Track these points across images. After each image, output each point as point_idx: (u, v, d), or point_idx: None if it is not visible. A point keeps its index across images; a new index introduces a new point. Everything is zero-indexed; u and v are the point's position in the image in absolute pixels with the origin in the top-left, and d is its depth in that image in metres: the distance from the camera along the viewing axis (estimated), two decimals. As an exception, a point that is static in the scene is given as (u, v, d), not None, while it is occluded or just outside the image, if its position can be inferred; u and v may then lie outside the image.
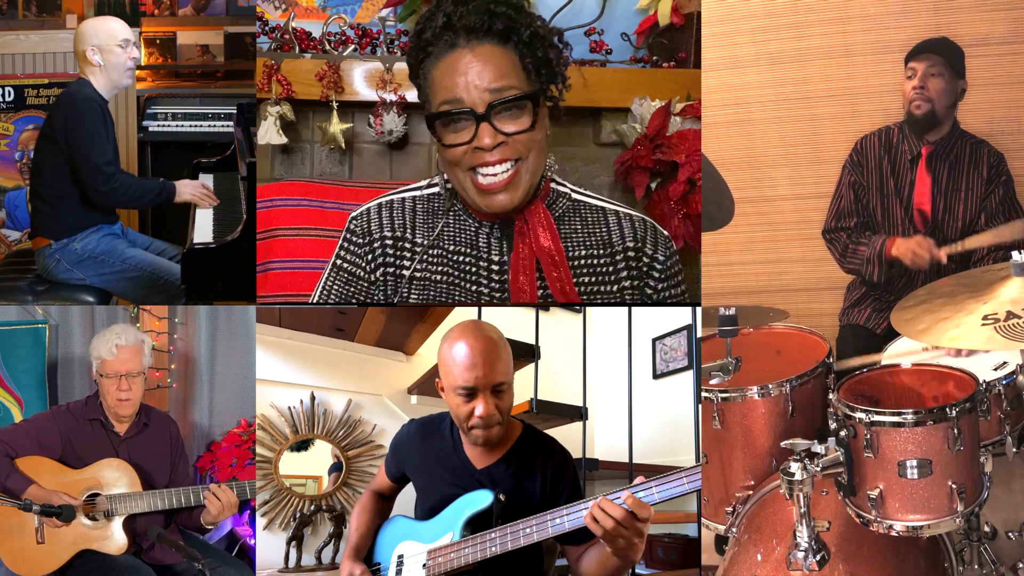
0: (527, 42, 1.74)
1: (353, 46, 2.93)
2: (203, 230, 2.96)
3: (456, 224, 1.88)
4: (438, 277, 1.86)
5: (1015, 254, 1.90)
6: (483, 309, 2.86)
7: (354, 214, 1.92)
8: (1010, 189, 2.90)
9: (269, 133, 2.82)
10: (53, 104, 3.10)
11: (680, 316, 3.57)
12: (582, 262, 1.86)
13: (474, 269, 1.85)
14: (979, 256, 2.83)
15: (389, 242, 1.87)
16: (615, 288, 1.86)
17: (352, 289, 1.90)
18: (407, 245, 1.87)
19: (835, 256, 3.00)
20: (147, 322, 3.06)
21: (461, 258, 1.86)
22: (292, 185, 2.83)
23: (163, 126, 3.94)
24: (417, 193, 1.92)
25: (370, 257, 1.88)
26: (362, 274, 1.89)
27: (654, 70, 3.01)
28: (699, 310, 2.73)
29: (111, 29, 3.01)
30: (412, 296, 1.86)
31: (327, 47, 2.90)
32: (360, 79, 2.84)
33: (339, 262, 1.91)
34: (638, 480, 1.70)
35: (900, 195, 2.91)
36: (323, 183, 2.86)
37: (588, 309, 3.71)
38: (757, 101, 3.17)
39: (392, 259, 1.87)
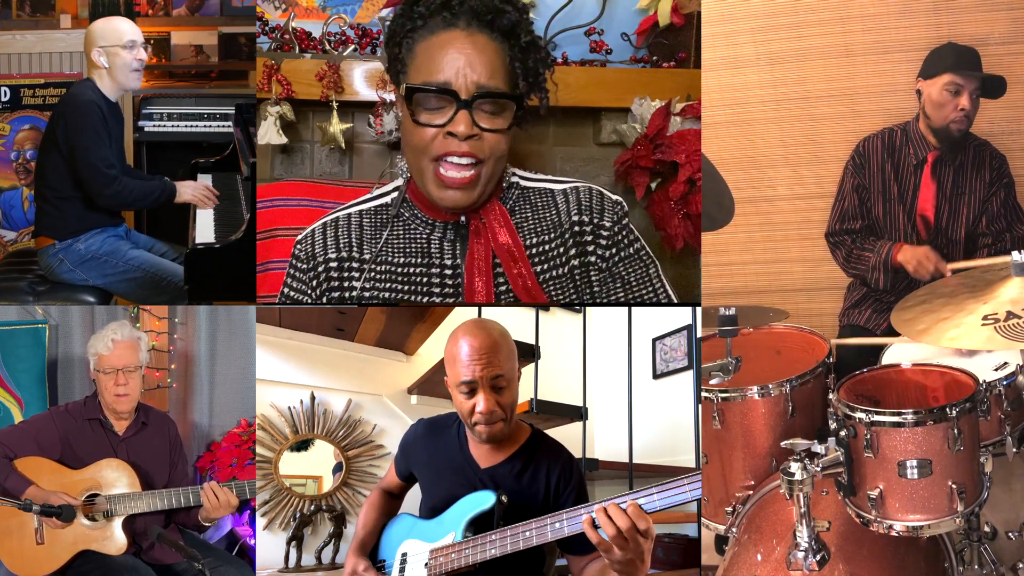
0: (523, 47, 1.74)
1: (353, 46, 2.93)
2: (204, 230, 2.97)
3: (406, 233, 1.85)
4: (387, 294, 1.82)
5: (1015, 254, 1.91)
6: (483, 309, 2.86)
7: (299, 238, 1.88)
8: (1011, 192, 2.90)
9: (269, 133, 2.82)
10: (55, 107, 3.10)
11: (680, 316, 3.57)
12: (535, 250, 1.85)
13: (425, 279, 1.83)
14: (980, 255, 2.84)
15: (334, 264, 1.84)
16: (565, 271, 1.85)
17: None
18: (354, 264, 1.84)
19: (839, 261, 2.99)
20: (147, 322, 3.06)
21: (411, 269, 1.83)
22: (292, 185, 2.83)
23: (159, 126, 3.95)
24: (365, 207, 1.89)
25: (315, 283, 1.85)
26: (308, 301, 1.85)
27: (654, 70, 3.01)
28: (699, 310, 2.73)
29: (117, 30, 3.00)
30: None
31: (327, 47, 2.90)
32: (360, 79, 2.84)
33: (286, 290, 1.88)
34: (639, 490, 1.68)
35: (903, 200, 2.89)
36: (323, 183, 2.86)
37: (588, 309, 3.71)
38: (757, 101, 3.16)
39: (337, 282, 1.84)
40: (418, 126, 1.71)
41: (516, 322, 3.29)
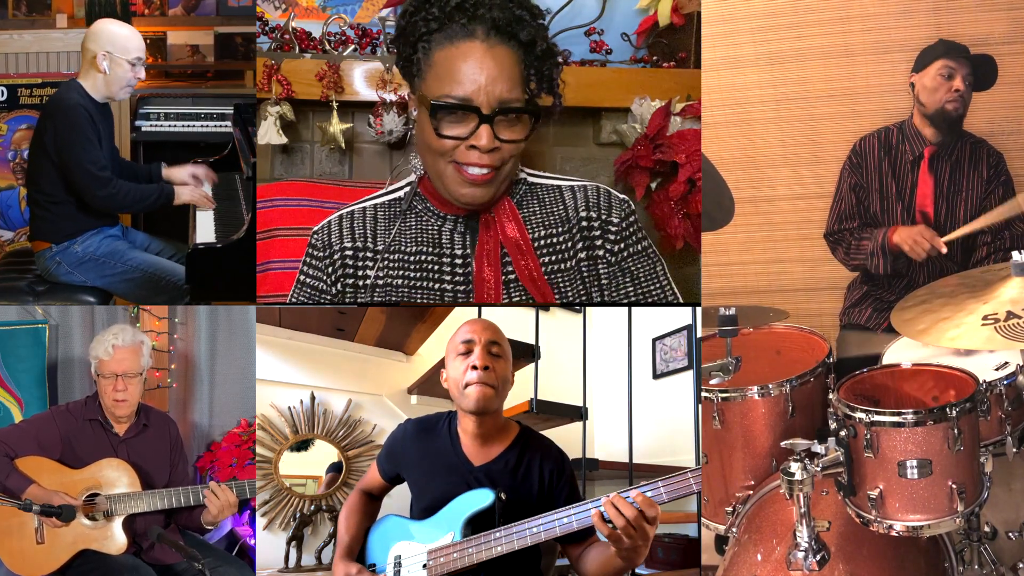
0: (539, 56, 1.77)
1: (353, 46, 2.93)
2: (205, 230, 2.96)
3: (417, 224, 1.90)
4: (399, 281, 1.87)
5: (1015, 254, 1.91)
6: (483, 310, 2.86)
7: (315, 229, 1.93)
8: (1009, 189, 2.90)
9: (269, 133, 2.82)
10: (41, 112, 3.06)
11: (680, 316, 3.57)
12: (542, 243, 1.89)
13: (436, 267, 1.88)
14: (979, 258, 2.83)
15: (349, 252, 1.89)
16: (573, 263, 1.89)
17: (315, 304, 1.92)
18: (368, 254, 1.89)
19: (839, 256, 3.00)
20: (147, 322, 3.06)
21: (422, 257, 1.88)
22: (292, 185, 2.83)
23: (156, 126, 3.94)
24: (378, 201, 1.94)
25: (331, 270, 1.89)
26: (323, 287, 1.90)
27: (654, 70, 3.01)
28: (699, 310, 2.73)
29: (128, 42, 2.97)
30: (375, 303, 1.90)
31: (327, 47, 2.90)
32: (360, 79, 2.84)
33: (302, 277, 1.93)
34: (644, 483, 1.71)
35: (901, 197, 2.90)
36: (323, 183, 2.86)
37: (588, 309, 3.71)
38: (757, 101, 3.16)
39: (352, 269, 1.89)
40: (440, 137, 1.75)
41: (516, 322, 3.30)
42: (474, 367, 1.94)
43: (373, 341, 3.51)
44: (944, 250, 2.74)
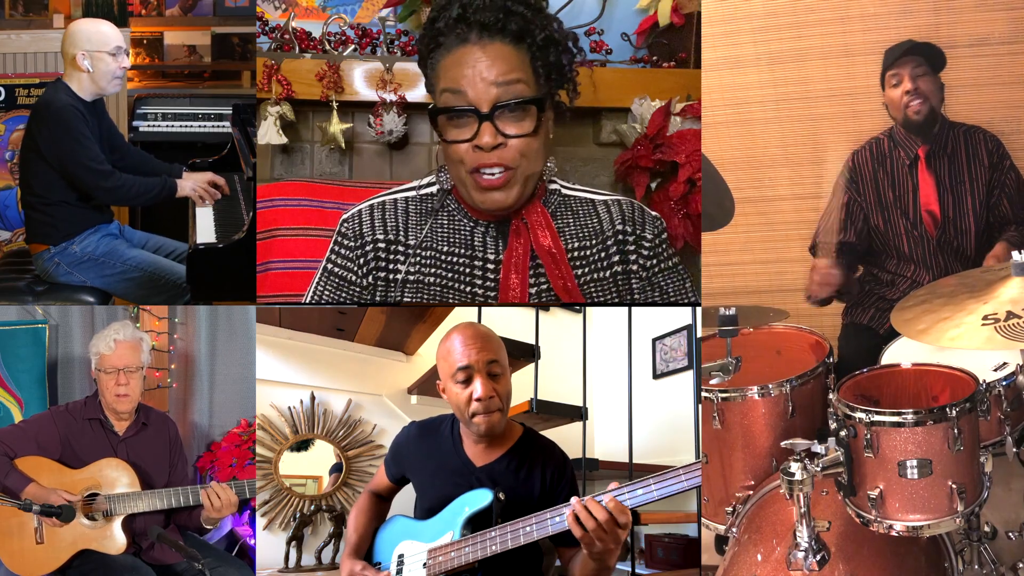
0: (540, 45, 1.75)
1: (353, 46, 2.94)
2: (205, 230, 2.96)
3: (450, 224, 1.88)
4: (431, 279, 1.85)
5: (1015, 254, 1.90)
6: (483, 309, 2.86)
7: (345, 216, 1.90)
8: (1018, 172, 2.89)
9: (269, 133, 2.82)
10: (31, 115, 3.03)
11: (680, 316, 3.57)
12: (576, 254, 1.88)
13: (468, 269, 1.85)
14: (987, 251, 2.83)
15: (381, 245, 1.86)
16: (608, 274, 1.89)
17: (343, 294, 1.88)
18: (400, 248, 1.86)
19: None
20: (147, 322, 3.06)
21: (455, 258, 1.86)
22: (292, 185, 2.83)
23: (153, 126, 3.94)
24: (411, 194, 1.91)
25: (362, 261, 1.86)
26: (354, 278, 1.87)
27: (654, 70, 3.02)
28: (699, 310, 2.73)
29: (104, 35, 2.93)
30: (405, 299, 1.86)
31: (327, 47, 2.90)
32: (360, 79, 2.84)
33: (330, 266, 1.89)
34: (635, 482, 1.71)
35: (901, 204, 2.89)
36: (323, 183, 2.86)
37: (588, 309, 3.71)
38: (757, 101, 3.16)
39: (384, 263, 1.86)
40: (449, 144, 1.75)
41: (516, 322, 3.30)
42: (478, 399, 1.90)
43: (373, 341, 3.51)
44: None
